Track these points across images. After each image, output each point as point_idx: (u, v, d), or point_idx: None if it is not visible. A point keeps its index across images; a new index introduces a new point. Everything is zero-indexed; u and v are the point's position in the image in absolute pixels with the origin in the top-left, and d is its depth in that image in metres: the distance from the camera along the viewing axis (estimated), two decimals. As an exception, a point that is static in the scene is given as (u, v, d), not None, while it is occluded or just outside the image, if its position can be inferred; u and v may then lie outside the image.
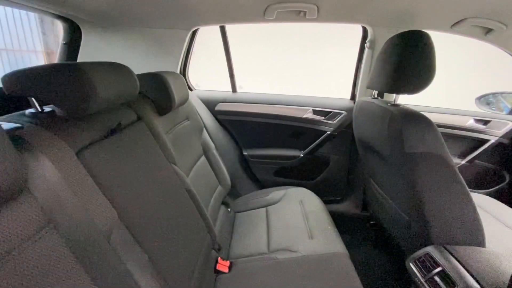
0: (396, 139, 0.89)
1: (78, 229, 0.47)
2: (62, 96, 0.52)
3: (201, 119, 1.42)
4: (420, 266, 0.89)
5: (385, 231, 1.33)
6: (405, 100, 1.02)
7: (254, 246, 1.13)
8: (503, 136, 1.55)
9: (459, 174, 0.88)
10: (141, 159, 0.74)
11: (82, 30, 1.15)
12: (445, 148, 0.86)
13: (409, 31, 0.90)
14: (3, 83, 0.53)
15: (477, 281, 0.76)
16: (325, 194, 1.60)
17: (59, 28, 1.20)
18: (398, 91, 0.93)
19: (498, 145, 1.55)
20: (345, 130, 1.52)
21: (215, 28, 1.44)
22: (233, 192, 1.61)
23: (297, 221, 1.23)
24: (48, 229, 0.43)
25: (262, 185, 1.68)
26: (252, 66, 2.50)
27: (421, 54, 0.87)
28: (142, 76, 0.95)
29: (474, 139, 1.57)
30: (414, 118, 0.86)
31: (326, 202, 1.41)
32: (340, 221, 1.35)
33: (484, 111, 1.62)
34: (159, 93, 0.96)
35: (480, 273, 0.78)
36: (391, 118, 0.91)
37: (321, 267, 0.95)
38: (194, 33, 1.40)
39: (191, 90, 1.61)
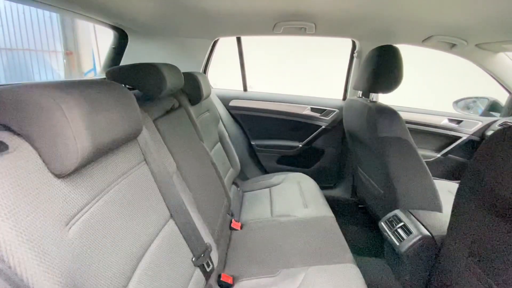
0: (372, 127, 1.17)
1: (157, 167, 0.75)
2: (145, 84, 0.81)
3: (218, 112, 1.70)
4: (389, 224, 1.16)
5: (369, 210, 1.59)
6: (396, 102, 1.31)
7: (260, 213, 1.41)
8: (474, 134, 1.82)
9: (420, 155, 1.15)
10: (184, 133, 1.03)
11: (129, 38, 1.45)
12: (408, 134, 1.14)
13: (383, 45, 1.18)
14: (107, 75, 0.81)
15: (428, 230, 1.03)
16: (320, 180, 1.87)
17: (80, 31, 1.48)
18: (374, 91, 1.22)
19: (469, 142, 1.82)
20: (337, 125, 1.80)
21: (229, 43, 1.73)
22: (242, 176, 1.89)
23: (295, 196, 1.50)
24: (142, 163, 0.71)
25: (266, 170, 1.96)
26: (261, 69, 2.82)
27: (392, 64, 1.15)
28: None
29: (448, 136, 1.84)
30: (385, 111, 1.15)
31: (320, 187, 1.65)
32: (332, 205, 1.55)
33: (458, 113, 1.89)
34: (192, 87, 1.25)
35: (431, 225, 1.04)
36: (368, 111, 1.19)
37: (313, 225, 1.23)
38: (215, 42, 1.70)
39: (209, 88, 1.91)
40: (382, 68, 1.17)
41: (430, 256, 1.00)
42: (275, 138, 1.91)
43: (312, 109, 1.82)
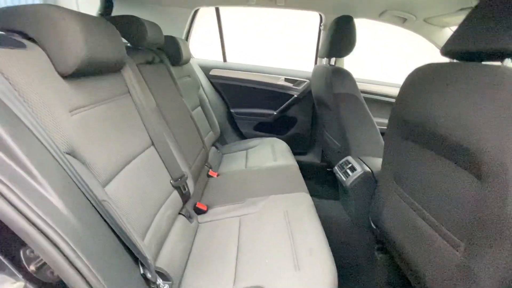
0: (329, 85, 1.36)
1: (139, 100, 0.92)
2: (128, 32, 0.96)
3: (199, 80, 1.86)
4: (340, 167, 1.38)
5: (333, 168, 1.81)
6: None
7: (235, 166, 1.60)
8: None
9: (368, 109, 1.36)
10: (165, 85, 1.19)
11: (114, 4, 1.57)
12: (358, 91, 1.34)
13: (340, 16, 1.37)
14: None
15: (370, 168, 1.25)
16: (293, 146, 2.06)
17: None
18: (333, 56, 1.41)
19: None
20: (308, 95, 1.99)
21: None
22: (222, 141, 2.07)
23: (267, 155, 1.69)
24: (127, 95, 0.88)
25: (244, 137, 2.14)
26: (239, 40, 2.98)
27: (346, 32, 1.34)
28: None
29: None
30: (339, 71, 1.34)
31: (294, 153, 1.81)
32: (304, 170, 1.69)
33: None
34: (172, 48, 1.40)
35: (373, 165, 1.26)
36: (326, 72, 1.38)
37: (278, 171, 1.43)
38: (196, 13, 1.83)
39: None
40: (338, 35, 1.36)
41: (370, 189, 1.21)
42: (253, 106, 2.08)
43: (286, 80, 2.00)
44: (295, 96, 1.99)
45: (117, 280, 0.43)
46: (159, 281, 0.60)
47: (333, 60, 1.47)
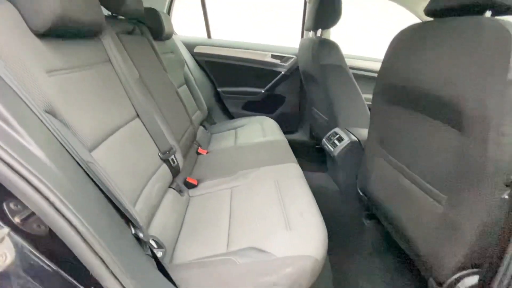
0: (315, 56, 1.36)
1: (120, 69, 0.88)
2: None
3: (183, 57, 1.80)
4: (328, 139, 1.40)
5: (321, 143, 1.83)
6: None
7: (225, 144, 1.59)
8: None
9: (354, 81, 1.37)
10: (148, 58, 1.14)
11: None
12: (345, 62, 1.35)
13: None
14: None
15: (356, 137, 1.27)
16: (282, 125, 2.05)
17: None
18: (319, 27, 1.39)
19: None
20: (295, 71, 1.97)
21: None
22: (210, 121, 2.04)
23: (257, 132, 1.68)
24: (107, 63, 0.84)
25: (232, 116, 2.13)
26: (224, 16, 2.89)
27: (331, 2, 1.32)
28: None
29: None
30: (326, 42, 1.33)
31: (283, 132, 1.79)
32: (293, 148, 1.65)
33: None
34: (153, 21, 1.34)
35: (360, 135, 1.29)
36: (313, 44, 1.37)
37: (267, 146, 1.43)
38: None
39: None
40: (323, 6, 1.34)
41: (357, 157, 1.24)
42: (240, 85, 2.05)
43: (273, 56, 1.97)
44: (283, 73, 1.97)
45: (108, 234, 0.42)
46: (152, 243, 0.60)
47: (319, 32, 1.45)
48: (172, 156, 1.02)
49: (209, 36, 1.99)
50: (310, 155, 2.15)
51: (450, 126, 0.67)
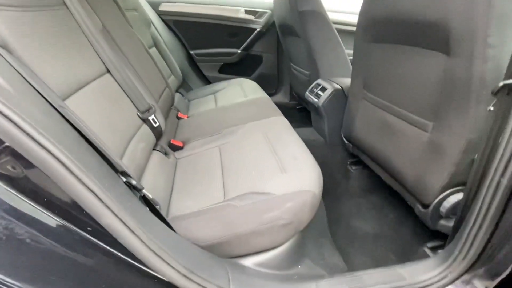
0: (293, 4, 1.28)
1: (80, 17, 0.76)
2: None
3: (148, 16, 1.63)
4: (311, 91, 1.38)
5: (303, 102, 1.81)
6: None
7: (204, 108, 1.52)
8: None
9: (334, 28, 1.33)
10: (111, 10, 1.01)
11: None
12: (324, 9, 1.29)
13: None
14: None
15: (339, 85, 1.27)
16: (261, 87, 2.02)
17: None
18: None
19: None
20: (271, 28, 1.88)
21: None
22: (186, 87, 1.93)
23: (237, 93, 1.62)
24: (62, 7, 0.72)
25: (209, 81, 2.03)
26: None
27: None
28: None
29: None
30: (303, -12, 1.26)
31: None
32: None
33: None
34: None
35: (342, 83, 1.28)
36: (290, -9, 1.29)
37: (251, 104, 1.39)
38: None
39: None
40: None
41: (341, 105, 1.24)
42: (213, 46, 1.93)
43: (246, 12, 1.85)
44: (258, 30, 1.87)
45: (97, 171, 0.38)
46: (145, 191, 0.56)
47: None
48: (153, 116, 0.95)
49: (174, -9, 1.81)
50: (293, 116, 2.15)
51: (437, 51, 0.67)
